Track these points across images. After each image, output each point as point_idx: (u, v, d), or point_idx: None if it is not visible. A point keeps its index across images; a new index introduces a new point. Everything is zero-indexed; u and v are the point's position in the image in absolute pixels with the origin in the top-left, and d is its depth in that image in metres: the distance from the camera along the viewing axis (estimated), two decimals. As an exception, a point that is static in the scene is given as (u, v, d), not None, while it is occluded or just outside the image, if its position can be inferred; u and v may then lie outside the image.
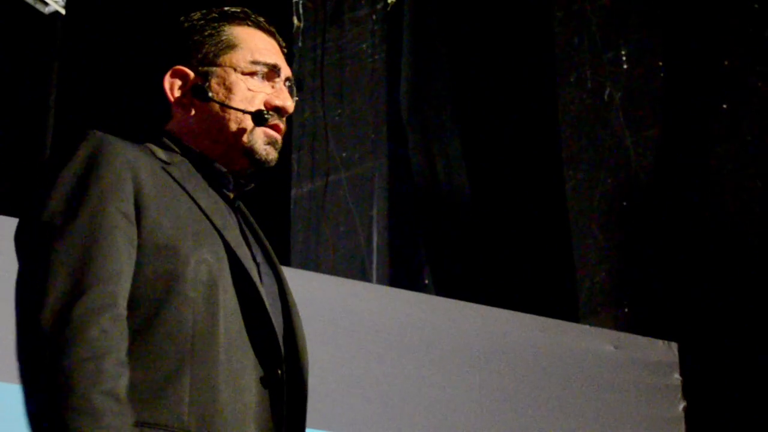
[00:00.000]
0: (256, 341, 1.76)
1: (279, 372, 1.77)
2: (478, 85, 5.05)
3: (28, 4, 4.60)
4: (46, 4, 4.65)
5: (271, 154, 1.93)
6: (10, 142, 4.34)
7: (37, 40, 4.59)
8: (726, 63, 4.65)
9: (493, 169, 4.96)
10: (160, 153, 1.87)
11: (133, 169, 1.76)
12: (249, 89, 1.93)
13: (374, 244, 5.03)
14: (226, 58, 1.95)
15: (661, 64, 4.81)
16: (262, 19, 2.02)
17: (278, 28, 2.05)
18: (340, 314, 3.86)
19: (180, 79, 1.96)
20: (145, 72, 2.11)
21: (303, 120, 5.23)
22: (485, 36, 5.08)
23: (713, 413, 4.33)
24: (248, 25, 1.99)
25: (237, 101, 1.92)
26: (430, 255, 4.99)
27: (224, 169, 1.93)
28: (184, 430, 1.66)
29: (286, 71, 1.99)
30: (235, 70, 1.94)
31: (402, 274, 4.99)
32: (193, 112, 1.94)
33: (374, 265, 5.00)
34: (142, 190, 1.75)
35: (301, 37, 5.23)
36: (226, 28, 1.97)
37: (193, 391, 1.67)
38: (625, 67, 4.85)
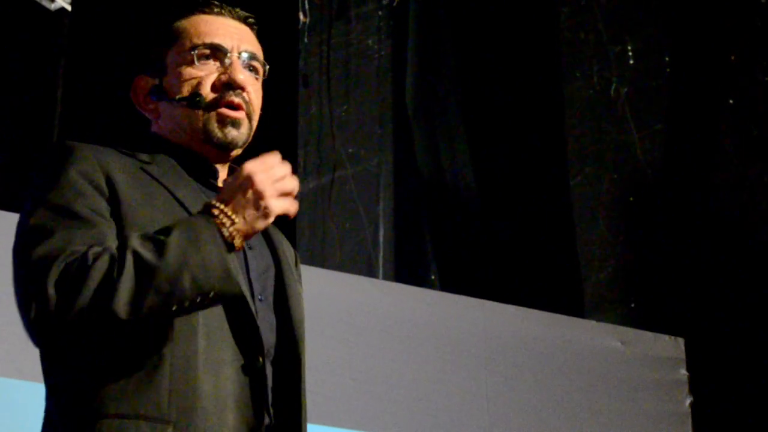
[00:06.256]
0: (236, 330, 1.76)
1: (260, 360, 1.76)
2: (484, 81, 5.05)
3: (35, 1, 4.60)
4: (53, 0, 4.65)
5: (230, 133, 1.92)
6: (17, 138, 4.34)
7: (43, 36, 4.58)
8: (732, 58, 4.64)
9: (499, 165, 4.96)
10: (142, 154, 1.89)
11: (104, 168, 1.79)
12: (194, 76, 1.93)
13: (380, 240, 5.04)
14: (170, 54, 1.96)
15: (667, 59, 4.81)
16: (215, 2, 2.00)
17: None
18: (346, 310, 3.87)
19: (141, 88, 1.99)
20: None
21: (309, 116, 5.23)
22: (491, 31, 5.07)
23: (720, 408, 4.33)
24: (192, 15, 1.99)
25: (185, 91, 1.92)
26: (436, 251, 4.99)
27: (210, 161, 1.95)
28: (164, 420, 1.66)
29: (239, 45, 1.96)
30: (178, 62, 1.95)
31: (408, 270, 4.99)
32: (160, 114, 1.97)
33: (380, 261, 5.00)
34: (115, 187, 1.77)
35: (307, 33, 5.23)
36: (170, 26, 1.99)
37: (173, 382, 1.68)
38: (631, 62, 4.85)
